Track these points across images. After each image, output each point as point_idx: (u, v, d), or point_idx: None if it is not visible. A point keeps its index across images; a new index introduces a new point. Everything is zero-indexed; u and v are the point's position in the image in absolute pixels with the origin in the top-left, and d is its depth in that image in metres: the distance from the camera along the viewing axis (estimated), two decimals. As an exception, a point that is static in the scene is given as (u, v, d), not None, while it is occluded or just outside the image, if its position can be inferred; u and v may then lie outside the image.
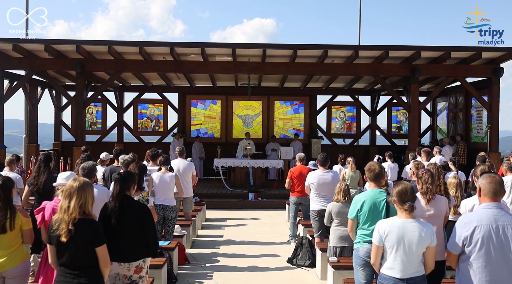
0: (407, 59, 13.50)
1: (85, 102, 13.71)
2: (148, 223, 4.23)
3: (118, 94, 18.26)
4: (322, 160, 7.44)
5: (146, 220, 4.22)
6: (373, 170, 4.50)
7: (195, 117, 18.43)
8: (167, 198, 7.21)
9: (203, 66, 13.60)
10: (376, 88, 18.13)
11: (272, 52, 13.25)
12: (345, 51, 13.24)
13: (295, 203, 8.96)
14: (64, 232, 3.33)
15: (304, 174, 8.73)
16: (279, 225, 11.01)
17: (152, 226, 4.28)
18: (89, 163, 5.07)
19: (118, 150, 8.08)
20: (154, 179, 7.20)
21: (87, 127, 18.27)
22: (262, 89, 18.18)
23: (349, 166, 9.90)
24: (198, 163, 17.22)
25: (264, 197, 13.78)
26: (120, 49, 13.20)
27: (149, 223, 4.24)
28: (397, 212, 4.30)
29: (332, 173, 7.43)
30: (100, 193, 4.93)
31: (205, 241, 9.31)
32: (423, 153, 9.48)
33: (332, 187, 7.14)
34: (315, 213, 7.31)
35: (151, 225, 4.26)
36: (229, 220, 11.58)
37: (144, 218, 4.20)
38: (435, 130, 18.65)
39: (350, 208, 4.54)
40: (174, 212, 7.23)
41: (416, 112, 13.84)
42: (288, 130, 18.46)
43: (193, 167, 9.01)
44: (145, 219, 4.21)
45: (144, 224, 4.19)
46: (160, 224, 7.22)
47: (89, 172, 5.01)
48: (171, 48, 12.77)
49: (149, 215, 4.28)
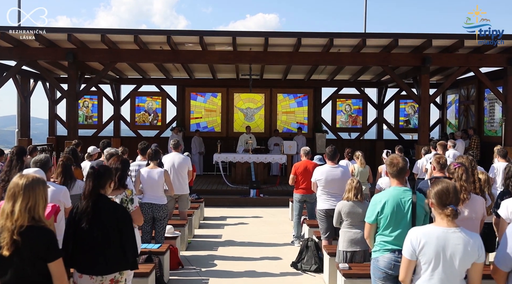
0: (417, 48, 12.80)
1: (78, 94, 13.07)
2: (127, 229, 3.53)
3: (114, 86, 17.62)
4: (330, 153, 6.70)
5: (125, 224, 3.52)
6: (396, 164, 3.77)
7: (195, 111, 17.83)
8: (156, 195, 6.50)
9: (201, 56, 12.96)
10: (383, 80, 17.44)
11: (275, 41, 12.58)
12: (351, 40, 12.54)
13: (300, 201, 8.26)
14: (7, 243, 2.61)
15: (309, 169, 8.06)
16: (282, 224, 10.32)
17: (132, 232, 3.58)
18: (41, 156, 4.37)
19: (105, 143, 7.39)
20: (142, 174, 6.50)
21: (82, 122, 17.72)
22: (264, 81, 17.57)
23: (358, 160, 9.22)
24: (198, 158, 16.69)
25: (266, 193, 13.20)
26: (114, 38, 12.52)
27: (128, 229, 3.54)
28: (426, 216, 3.59)
29: (341, 168, 6.70)
30: (55, 192, 4.23)
31: (202, 242, 8.63)
32: (439, 146, 8.74)
33: (342, 184, 6.43)
34: (322, 213, 6.59)
35: (130, 231, 3.56)
36: (229, 218, 10.91)
37: (122, 222, 3.50)
38: (444, 124, 17.95)
39: (368, 210, 3.82)
40: (164, 211, 6.53)
41: (426, 105, 13.12)
42: (291, 124, 17.85)
43: (189, 162, 8.32)
44: (123, 224, 3.51)
45: (122, 230, 3.49)
46: (149, 225, 6.53)
47: (42, 166, 4.30)
48: (168, 37, 12.09)
49: (128, 218, 3.58)
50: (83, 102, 17.74)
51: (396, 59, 12.94)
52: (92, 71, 14.71)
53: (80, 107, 17.69)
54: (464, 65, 12.91)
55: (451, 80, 13.51)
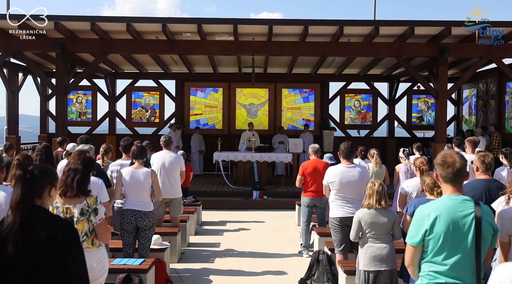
0: (435, 38, 11.81)
1: (67, 88, 12.15)
2: (74, 255, 2.52)
3: (109, 81, 16.75)
4: (346, 150, 5.64)
5: (70, 248, 2.51)
6: (452, 164, 2.71)
7: (195, 107, 16.99)
8: (140, 201, 5.49)
9: (200, 47, 12.02)
10: (395, 74, 16.48)
11: (279, 30, 11.62)
12: (363, 28, 11.57)
13: (308, 206, 7.25)
14: None
15: (319, 170, 7.07)
16: (287, 230, 9.31)
17: (80, 259, 2.56)
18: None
19: (83, 139, 6.40)
20: (124, 175, 5.49)
21: (75, 118, 16.92)
22: (268, 75, 16.70)
23: (373, 159, 8.21)
24: (198, 157, 15.88)
25: (270, 195, 12.29)
26: (106, 27, 11.59)
27: (75, 255, 2.52)
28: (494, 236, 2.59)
29: (359, 168, 5.65)
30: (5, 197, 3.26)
31: (197, 252, 7.62)
32: (469, 143, 7.65)
33: (359, 187, 5.41)
34: (336, 222, 5.55)
35: (78, 257, 2.54)
36: (229, 223, 9.92)
37: (65, 246, 2.49)
38: (460, 120, 16.91)
39: (412, 227, 2.78)
40: (150, 220, 5.52)
41: (444, 99, 12.12)
42: (297, 121, 17.01)
43: (182, 161, 7.33)
44: (67, 247, 2.50)
45: (67, 256, 2.48)
46: (132, 236, 5.51)
47: None
48: (163, 25, 11.16)
49: (75, 240, 2.56)
50: (76, 98, 16.87)
51: (411, 49, 11.95)
52: (84, 64, 13.78)
53: (73, 103, 16.91)
54: (485, 56, 11.87)
55: (471, 72, 12.50)
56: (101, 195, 4.48)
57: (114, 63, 15.40)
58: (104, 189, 4.69)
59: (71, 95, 16.60)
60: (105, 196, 4.64)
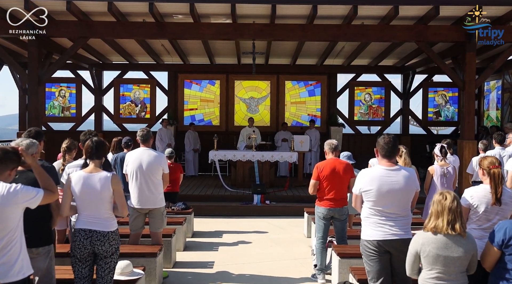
0: (461, 20, 10.40)
1: (40, 77, 10.75)
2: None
3: (95, 73, 15.58)
4: (387, 146, 4.01)
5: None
6: None
7: (189, 101, 16.00)
8: (97, 217, 3.94)
9: (193, 30, 10.67)
10: (409, 65, 15.23)
11: (284, 11, 10.29)
12: (380, 8, 10.19)
13: (325, 218, 5.75)
14: None
15: (339, 172, 5.63)
16: (296, 244, 7.85)
17: None
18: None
19: (31, 132, 4.86)
20: (73, 183, 3.95)
21: (58, 114, 15.77)
22: (270, 66, 15.62)
23: (401, 159, 6.66)
24: (193, 156, 14.83)
25: (274, 200, 11.10)
26: (84, 7, 10.21)
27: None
28: None
29: (405, 172, 4.03)
30: None
31: (184, 275, 6.12)
32: None
33: (406, 198, 3.89)
34: (372, 246, 3.97)
35: None
36: (225, 234, 8.46)
37: None
38: (481, 115, 15.57)
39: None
40: (112, 244, 3.97)
41: (472, 90, 10.72)
42: (301, 116, 16.03)
43: (164, 161, 5.82)
44: None
45: None
46: (87, 266, 3.98)
47: None
48: (150, 4, 9.78)
49: None
50: (59, 91, 15.68)
51: (435, 33, 10.54)
52: (62, 51, 12.35)
53: (55, 97, 15.64)
54: (520, 41, 10.52)
55: (502, 59, 11.09)
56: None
57: (99, 52, 14.20)
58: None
59: (53, 88, 15.58)
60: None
